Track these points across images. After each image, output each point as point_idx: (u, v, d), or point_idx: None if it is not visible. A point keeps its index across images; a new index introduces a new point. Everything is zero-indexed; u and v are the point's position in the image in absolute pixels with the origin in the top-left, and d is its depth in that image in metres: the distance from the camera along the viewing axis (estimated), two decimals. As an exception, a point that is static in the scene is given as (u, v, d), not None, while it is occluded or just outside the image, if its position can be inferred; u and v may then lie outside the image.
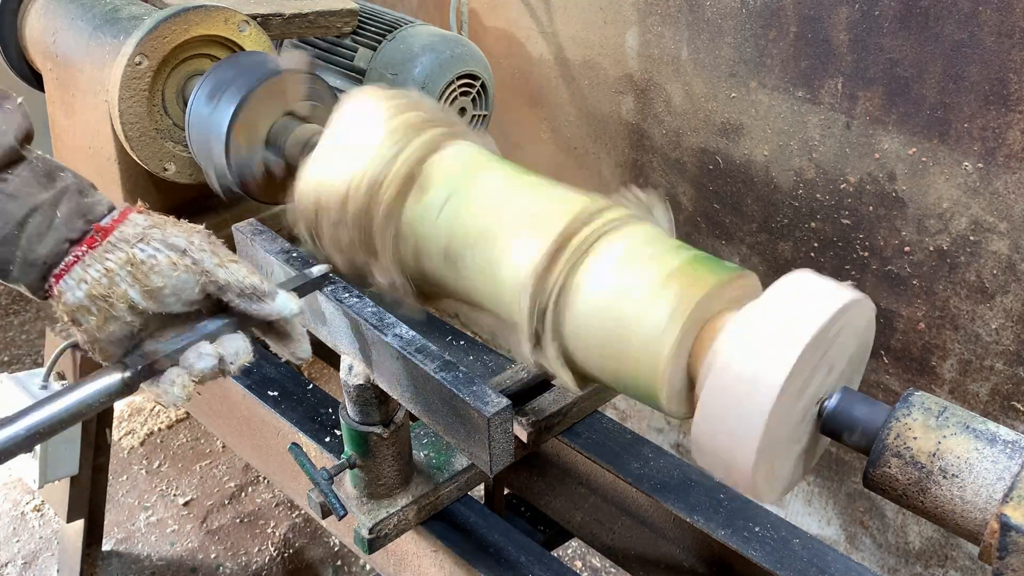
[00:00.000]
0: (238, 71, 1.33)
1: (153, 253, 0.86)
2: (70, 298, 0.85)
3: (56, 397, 0.84)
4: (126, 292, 0.85)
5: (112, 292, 0.84)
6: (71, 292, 0.85)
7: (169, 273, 0.86)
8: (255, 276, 0.90)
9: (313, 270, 1.01)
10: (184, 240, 0.88)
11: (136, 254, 0.85)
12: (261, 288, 0.90)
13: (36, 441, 0.82)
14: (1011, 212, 1.56)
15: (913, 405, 0.78)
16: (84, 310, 0.85)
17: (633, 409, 2.53)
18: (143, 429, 2.75)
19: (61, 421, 0.83)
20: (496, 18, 2.34)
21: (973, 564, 1.88)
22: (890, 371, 1.86)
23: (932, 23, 1.53)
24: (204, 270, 0.87)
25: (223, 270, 0.88)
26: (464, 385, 0.96)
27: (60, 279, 0.85)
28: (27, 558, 2.37)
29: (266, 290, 0.90)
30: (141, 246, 0.86)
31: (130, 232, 0.87)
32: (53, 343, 1.97)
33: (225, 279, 0.88)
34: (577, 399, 1.28)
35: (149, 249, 0.86)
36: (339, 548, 2.40)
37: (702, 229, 2.10)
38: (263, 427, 1.45)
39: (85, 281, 0.84)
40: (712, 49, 1.89)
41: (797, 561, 1.14)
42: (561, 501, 1.39)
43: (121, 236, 0.86)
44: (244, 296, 0.89)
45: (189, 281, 0.87)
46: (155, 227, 0.88)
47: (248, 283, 0.89)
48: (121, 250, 0.85)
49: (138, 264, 0.85)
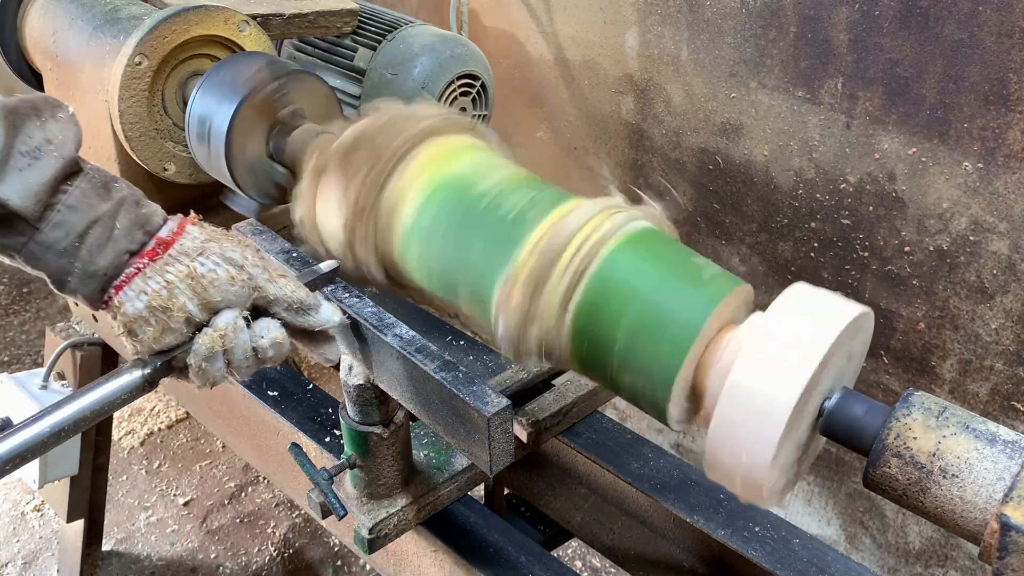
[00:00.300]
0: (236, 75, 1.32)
1: (213, 267, 0.88)
2: (129, 309, 0.86)
3: (79, 395, 0.85)
4: (185, 304, 0.86)
5: (172, 304, 0.86)
6: (131, 303, 0.86)
7: (227, 287, 0.88)
8: (301, 290, 0.93)
9: (321, 266, 1.03)
10: (239, 255, 0.90)
11: (197, 268, 0.87)
12: (307, 302, 0.93)
13: (62, 438, 0.84)
14: (1011, 212, 1.56)
15: (913, 405, 0.78)
16: (143, 321, 0.86)
17: (633, 409, 2.53)
18: (143, 429, 2.75)
19: (85, 418, 0.85)
20: (496, 18, 2.34)
21: (973, 564, 1.88)
22: (890, 371, 1.86)
23: (932, 23, 1.53)
24: (257, 285, 0.90)
25: (273, 285, 0.91)
26: (464, 385, 0.96)
27: (120, 290, 0.87)
28: (27, 558, 2.37)
29: (311, 303, 0.93)
30: (201, 259, 0.88)
31: (189, 245, 0.88)
32: (53, 343, 1.97)
33: (275, 294, 0.91)
34: (577, 399, 1.28)
35: (209, 263, 0.88)
36: (339, 548, 2.40)
37: (702, 229, 2.10)
38: (263, 427, 1.45)
39: (145, 292, 0.86)
40: (712, 49, 1.89)
41: (797, 561, 1.14)
42: (561, 501, 1.39)
43: (181, 249, 0.88)
44: (291, 310, 0.92)
45: (243, 295, 0.89)
46: (212, 240, 0.90)
47: (295, 298, 0.92)
48: (182, 263, 0.87)
49: (198, 278, 0.87)
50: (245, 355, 0.89)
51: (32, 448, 0.82)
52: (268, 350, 0.90)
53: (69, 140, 0.86)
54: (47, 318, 3.11)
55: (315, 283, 1.00)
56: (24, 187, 0.82)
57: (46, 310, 3.16)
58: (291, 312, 0.92)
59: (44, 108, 0.86)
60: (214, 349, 0.87)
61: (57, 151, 0.84)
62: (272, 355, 0.91)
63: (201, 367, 0.88)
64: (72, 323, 2.01)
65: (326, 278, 1.02)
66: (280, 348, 0.91)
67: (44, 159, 0.83)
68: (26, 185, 0.82)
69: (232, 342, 0.88)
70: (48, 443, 0.83)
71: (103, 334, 1.92)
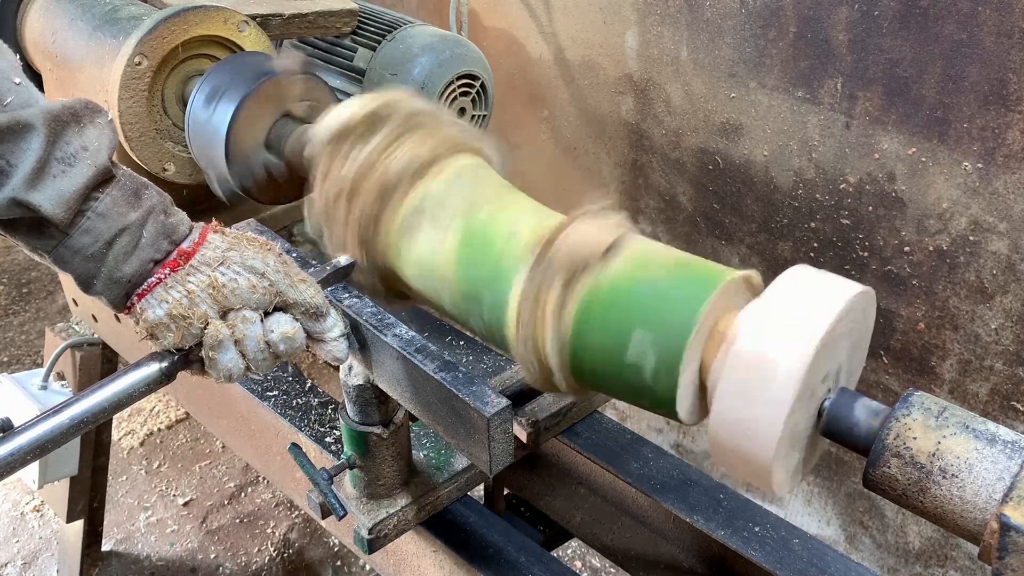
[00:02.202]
0: (234, 74, 1.33)
1: (234, 276, 0.89)
2: (151, 316, 0.88)
3: (97, 388, 0.87)
4: (205, 313, 0.88)
5: (192, 312, 0.88)
6: (152, 311, 0.88)
7: (248, 296, 0.90)
8: (320, 295, 0.95)
9: (340, 259, 1.03)
10: (261, 262, 0.91)
11: (218, 277, 0.89)
12: (322, 309, 0.95)
13: (80, 430, 0.86)
14: (1011, 212, 1.56)
15: (913, 405, 0.78)
16: (164, 327, 0.88)
17: (633, 409, 2.53)
18: (143, 429, 2.75)
19: (103, 411, 0.87)
20: (496, 18, 2.34)
21: (973, 564, 1.88)
22: (890, 371, 1.86)
23: (932, 23, 1.53)
24: (278, 291, 0.91)
25: (294, 290, 0.93)
26: (464, 385, 0.96)
27: (142, 298, 0.89)
28: (27, 558, 2.37)
29: (325, 311, 0.95)
30: (222, 269, 0.89)
31: (211, 255, 0.90)
32: (53, 343, 1.97)
33: (295, 299, 0.93)
34: (577, 399, 1.28)
35: (230, 272, 0.89)
36: (339, 548, 2.40)
37: (702, 229, 2.10)
38: (263, 427, 1.45)
39: (167, 301, 0.88)
40: (712, 49, 1.89)
41: (797, 561, 1.14)
42: (561, 501, 1.39)
43: (203, 259, 0.90)
44: (307, 314, 0.94)
45: (264, 302, 0.91)
46: (232, 248, 0.91)
47: (314, 303, 0.94)
48: (203, 273, 0.89)
49: (219, 287, 0.89)
50: (258, 347, 0.91)
51: (52, 439, 0.84)
52: (280, 344, 0.92)
53: (104, 147, 0.87)
54: (47, 318, 3.11)
55: (331, 277, 1.01)
56: (56, 194, 0.83)
57: (46, 310, 3.16)
58: (306, 316, 0.94)
59: (83, 114, 0.87)
60: (219, 337, 0.88)
61: (91, 158, 0.86)
62: (284, 349, 0.93)
63: (211, 357, 0.89)
64: (72, 323, 2.01)
65: (342, 273, 1.03)
66: (292, 343, 0.93)
67: (78, 166, 0.85)
68: (58, 192, 0.83)
69: (242, 332, 0.89)
70: (67, 435, 0.85)
71: (102, 334, 1.92)
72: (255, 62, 1.36)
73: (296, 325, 0.93)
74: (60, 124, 0.84)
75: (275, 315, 0.92)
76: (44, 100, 0.85)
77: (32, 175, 0.82)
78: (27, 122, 0.82)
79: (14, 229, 0.87)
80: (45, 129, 0.83)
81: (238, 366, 0.91)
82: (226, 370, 0.90)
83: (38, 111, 0.83)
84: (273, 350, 0.92)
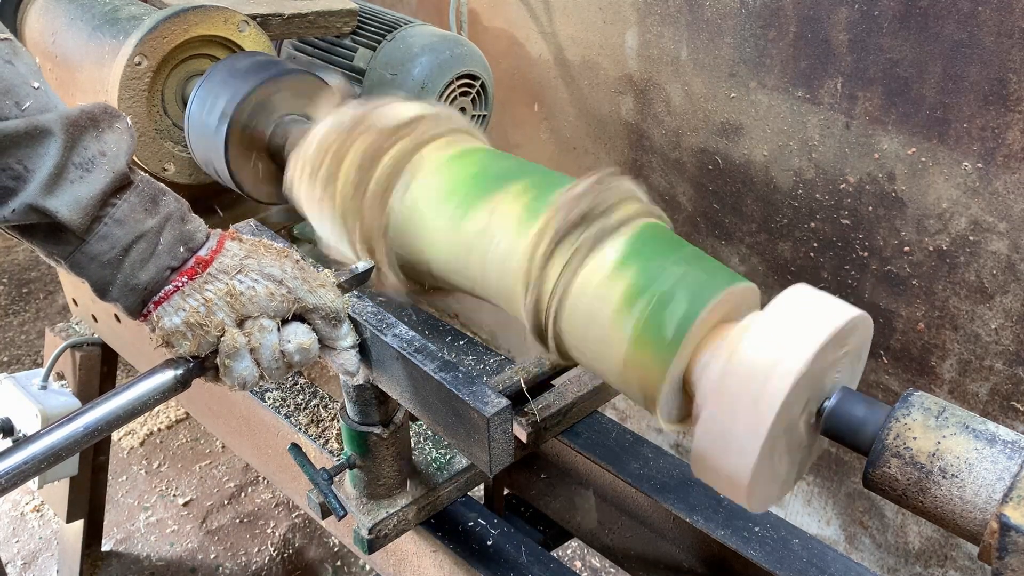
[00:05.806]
0: (235, 74, 1.33)
1: (252, 284, 0.89)
2: (167, 324, 0.87)
3: (112, 396, 0.86)
4: (222, 321, 0.87)
5: (209, 320, 0.87)
6: (169, 319, 0.87)
7: (267, 304, 0.89)
8: (340, 300, 0.95)
9: (359, 265, 1.02)
10: (278, 269, 0.90)
11: (236, 285, 0.88)
12: (340, 315, 0.94)
13: (95, 438, 0.85)
14: (1010, 212, 1.56)
15: (912, 405, 0.78)
16: (180, 335, 0.87)
17: (633, 409, 2.53)
18: (143, 429, 2.75)
19: (118, 418, 0.86)
20: (496, 18, 2.34)
21: (973, 564, 1.88)
22: (889, 371, 1.86)
23: (932, 23, 1.53)
24: (297, 298, 0.91)
25: (314, 295, 0.92)
26: (464, 385, 0.96)
27: (159, 306, 0.88)
28: (27, 558, 2.37)
29: (342, 317, 0.95)
30: (240, 277, 0.89)
31: (229, 263, 0.89)
32: (53, 343, 1.97)
33: (315, 304, 0.92)
34: (577, 399, 1.28)
35: (248, 281, 0.89)
36: (339, 548, 2.40)
37: (701, 229, 2.10)
38: (263, 427, 1.45)
39: (183, 309, 0.87)
40: (712, 49, 1.89)
41: (797, 561, 1.14)
42: (561, 501, 1.39)
43: (220, 267, 0.89)
44: (326, 319, 0.93)
45: (282, 309, 0.90)
46: (250, 256, 0.90)
47: (333, 308, 0.93)
48: (220, 281, 0.88)
49: (237, 295, 0.88)
50: (273, 356, 0.90)
51: (67, 447, 0.83)
52: (295, 354, 0.91)
53: (122, 152, 0.86)
54: (47, 318, 3.11)
55: (350, 283, 1.01)
56: (74, 200, 0.82)
57: (46, 310, 3.16)
58: (325, 321, 0.94)
59: (102, 119, 0.86)
60: (235, 346, 0.88)
61: (109, 164, 0.85)
62: (298, 359, 0.92)
63: (226, 364, 0.89)
64: (72, 323, 2.01)
65: (360, 278, 1.02)
66: (306, 353, 0.92)
67: (96, 172, 0.84)
68: (75, 198, 0.83)
69: (258, 341, 0.89)
70: (81, 443, 0.84)
71: (102, 334, 1.92)
72: (255, 62, 1.36)
73: (312, 336, 0.93)
74: (78, 129, 0.83)
75: (292, 325, 0.92)
76: (63, 105, 0.84)
77: (49, 181, 0.81)
78: (45, 127, 0.81)
79: (31, 235, 0.86)
80: (63, 134, 0.82)
81: (253, 374, 0.90)
82: (240, 378, 0.90)
83: (56, 116, 0.82)
84: (287, 360, 0.92)
